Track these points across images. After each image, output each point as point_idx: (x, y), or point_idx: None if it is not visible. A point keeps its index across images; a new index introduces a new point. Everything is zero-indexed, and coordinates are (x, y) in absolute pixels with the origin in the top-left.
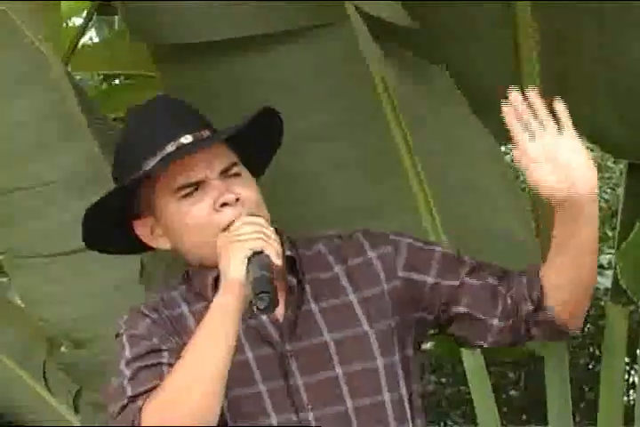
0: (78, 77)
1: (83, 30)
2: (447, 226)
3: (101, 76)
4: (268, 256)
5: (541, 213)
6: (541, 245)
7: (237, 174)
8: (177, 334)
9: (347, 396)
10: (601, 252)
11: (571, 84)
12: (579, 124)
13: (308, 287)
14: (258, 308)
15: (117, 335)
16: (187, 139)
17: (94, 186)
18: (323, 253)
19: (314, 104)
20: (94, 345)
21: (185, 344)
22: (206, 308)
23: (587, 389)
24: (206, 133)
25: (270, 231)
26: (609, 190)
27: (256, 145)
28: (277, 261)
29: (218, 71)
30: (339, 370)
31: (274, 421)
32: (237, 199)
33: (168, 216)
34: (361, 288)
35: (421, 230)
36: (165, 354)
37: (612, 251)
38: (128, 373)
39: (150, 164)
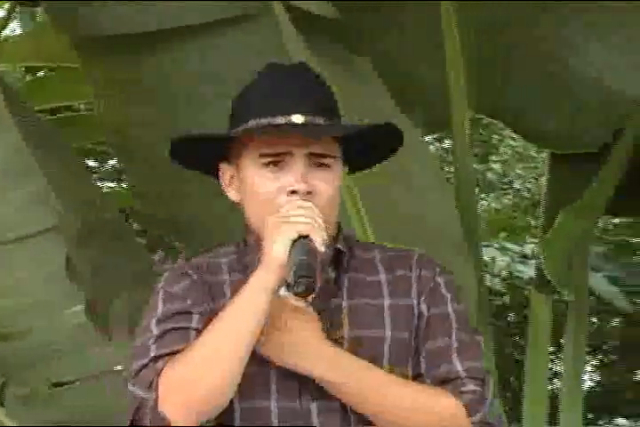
0: (1, 70)
1: (5, 22)
2: (373, 214)
3: (24, 69)
4: (312, 241)
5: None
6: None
7: (327, 166)
8: (212, 300)
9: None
10: (524, 241)
11: (494, 73)
12: (503, 115)
13: (345, 283)
14: (295, 291)
15: (156, 290)
16: (298, 119)
17: (26, 177)
18: (375, 259)
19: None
20: (27, 338)
21: (216, 310)
22: (245, 280)
23: (512, 378)
24: (319, 120)
25: (320, 219)
26: (532, 180)
27: (364, 150)
28: (322, 248)
29: (145, 63)
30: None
31: (274, 404)
32: (309, 192)
33: (247, 175)
34: (397, 296)
35: (345, 218)
36: (196, 318)
37: (536, 240)
38: (156, 332)
39: (253, 124)
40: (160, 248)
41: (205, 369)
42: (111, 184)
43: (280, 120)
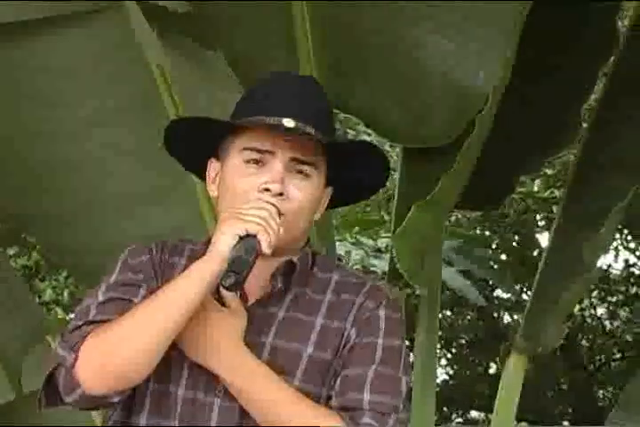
0: None
1: None
2: None
3: None
4: (258, 242)
5: None
6: None
7: (307, 175)
8: (161, 280)
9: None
10: (378, 235)
11: (346, 70)
12: (356, 110)
13: (289, 296)
14: (223, 284)
15: (119, 258)
16: (289, 122)
17: None
18: (331, 280)
19: (94, 90)
20: None
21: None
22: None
23: None
24: (310, 129)
25: (275, 222)
26: None
27: (353, 173)
28: (266, 250)
29: None
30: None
31: (180, 392)
32: (281, 194)
33: (227, 170)
34: (332, 318)
35: (200, 219)
36: (141, 292)
37: (389, 235)
38: (100, 298)
39: (245, 120)
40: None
41: (125, 341)
42: None
43: (271, 120)
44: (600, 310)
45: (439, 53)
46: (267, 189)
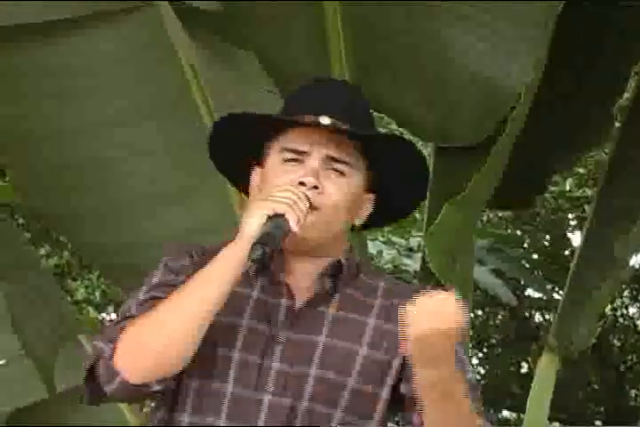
0: None
1: None
2: None
3: None
4: (286, 220)
5: None
6: None
7: (343, 173)
8: None
9: (306, 396)
10: (410, 235)
11: (377, 69)
12: (387, 109)
13: (338, 296)
14: (250, 257)
15: (160, 261)
16: (325, 120)
17: None
18: (377, 286)
19: (120, 90)
20: None
21: None
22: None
23: None
24: (345, 126)
25: (303, 204)
26: None
27: (395, 177)
28: (295, 228)
29: (21, 57)
30: (313, 371)
31: (229, 388)
32: (316, 187)
33: (268, 170)
34: (385, 320)
35: (232, 218)
36: None
37: (421, 234)
38: (142, 297)
39: (286, 116)
40: (46, 242)
41: (161, 327)
42: None
43: (308, 118)
44: (632, 310)
45: (470, 53)
46: (301, 183)
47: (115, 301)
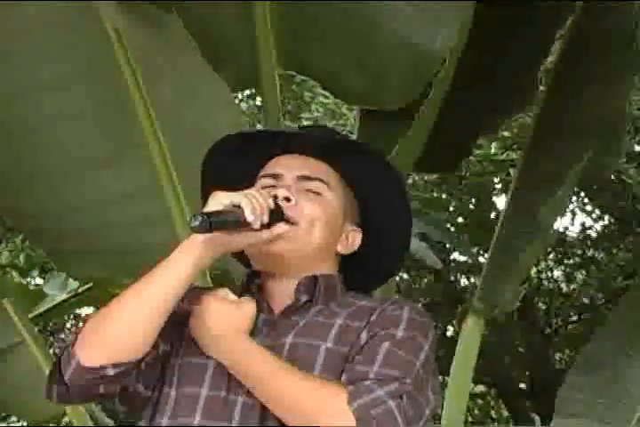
0: None
1: None
2: (187, 177)
3: None
4: (242, 210)
5: None
6: None
7: (318, 192)
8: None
9: None
10: None
11: (304, 33)
12: (312, 72)
13: (315, 309)
14: (190, 225)
15: None
16: (292, 130)
17: None
18: (361, 304)
19: (51, 55)
20: None
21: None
22: None
23: None
24: (317, 151)
25: (264, 199)
26: None
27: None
28: (249, 217)
29: None
30: None
31: (204, 392)
32: (288, 199)
33: None
34: (351, 319)
35: (156, 183)
36: None
37: None
38: None
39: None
40: None
41: (114, 314)
42: None
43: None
44: (557, 273)
45: (397, 17)
46: (274, 197)
47: (39, 265)
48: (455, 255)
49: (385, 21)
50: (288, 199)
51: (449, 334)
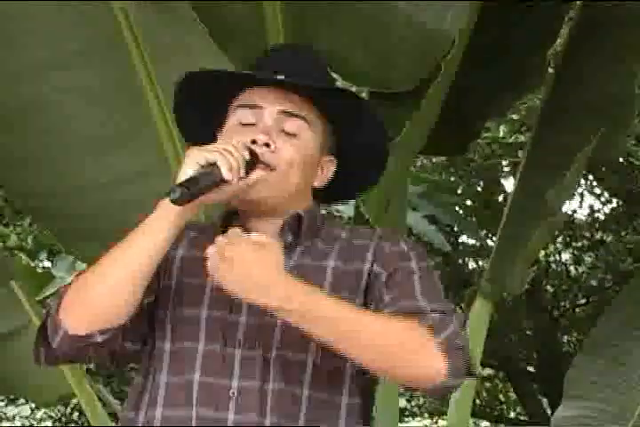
0: None
1: None
2: None
3: None
4: (218, 168)
5: None
6: None
7: (297, 134)
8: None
9: (274, 346)
10: None
11: (311, 13)
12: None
13: (300, 248)
14: (170, 198)
15: None
16: (280, 76)
17: None
18: (339, 234)
19: (57, 33)
20: None
21: (169, 256)
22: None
23: None
24: (296, 80)
25: (239, 153)
26: None
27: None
28: (227, 175)
29: None
30: (279, 321)
31: (200, 347)
32: (268, 145)
33: (224, 131)
34: (342, 260)
35: (164, 161)
36: None
37: None
38: None
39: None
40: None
41: (97, 279)
42: None
43: (263, 74)
44: (565, 256)
45: None
46: (253, 142)
47: (47, 247)
48: (463, 238)
49: (393, 2)
50: (267, 145)
51: None
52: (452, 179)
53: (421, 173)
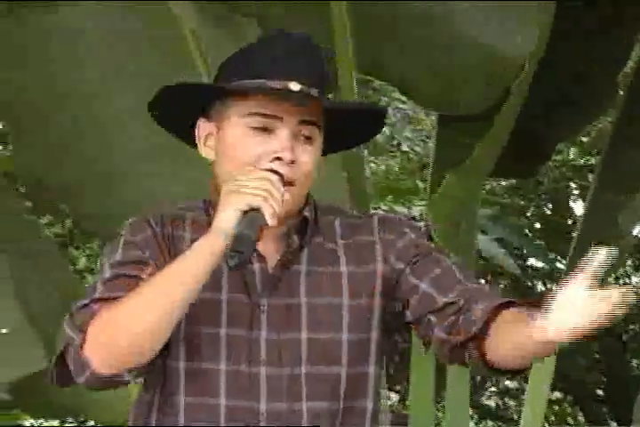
0: None
1: None
2: None
3: None
4: (262, 215)
5: None
6: None
7: (310, 138)
8: (169, 254)
9: (304, 361)
10: (412, 204)
11: (380, 38)
12: (390, 77)
13: (307, 250)
14: (228, 264)
15: (119, 234)
16: (295, 86)
17: None
18: (334, 224)
19: (124, 56)
20: None
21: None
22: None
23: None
24: (314, 91)
25: (278, 192)
26: (420, 143)
27: (346, 131)
28: (271, 222)
29: (28, 23)
30: (304, 334)
31: (222, 366)
32: (293, 162)
33: (229, 135)
34: (354, 263)
35: None
36: (149, 269)
37: (423, 203)
38: (108, 275)
39: (253, 83)
40: (47, 212)
41: (131, 320)
42: None
43: (277, 84)
44: (635, 279)
45: (477, 21)
46: (278, 158)
47: None
48: (532, 261)
49: (462, 24)
50: (293, 162)
51: None
52: (522, 202)
53: (491, 196)
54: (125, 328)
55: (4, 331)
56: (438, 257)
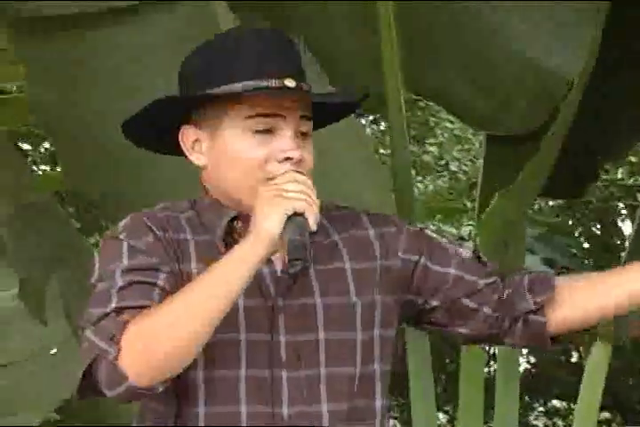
0: None
1: None
2: None
3: None
4: (306, 220)
5: None
6: None
7: (306, 134)
8: (176, 259)
9: (322, 362)
10: (461, 223)
11: (432, 59)
12: (440, 98)
13: (311, 249)
14: (289, 273)
15: (115, 238)
16: (290, 82)
17: None
18: (322, 220)
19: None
20: None
21: (181, 271)
22: (210, 242)
23: (448, 360)
24: (305, 86)
25: (314, 194)
26: (469, 162)
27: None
28: (314, 227)
29: (73, 44)
30: (321, 335)
31: (243, 372)
32: (300, 160)
33: (225, 140)
34: (355, 259)
35: None
36: (162, 276)
37: (472, 223)
38: (120, 282)
39: (246, 85)
40: (96, 231)
41: (169, 330)
42: (45, 167)
43: (274, 83)
44: None
45: (524, 39)
46: (287, 158)
47: None
48: None
49: (510, 43)
50: (300, 160)
51: (573, 359)
52: (570, 221)
53: (539, 215)
54: (167, 338)
55: (52, 352)
56: (441, 242)
